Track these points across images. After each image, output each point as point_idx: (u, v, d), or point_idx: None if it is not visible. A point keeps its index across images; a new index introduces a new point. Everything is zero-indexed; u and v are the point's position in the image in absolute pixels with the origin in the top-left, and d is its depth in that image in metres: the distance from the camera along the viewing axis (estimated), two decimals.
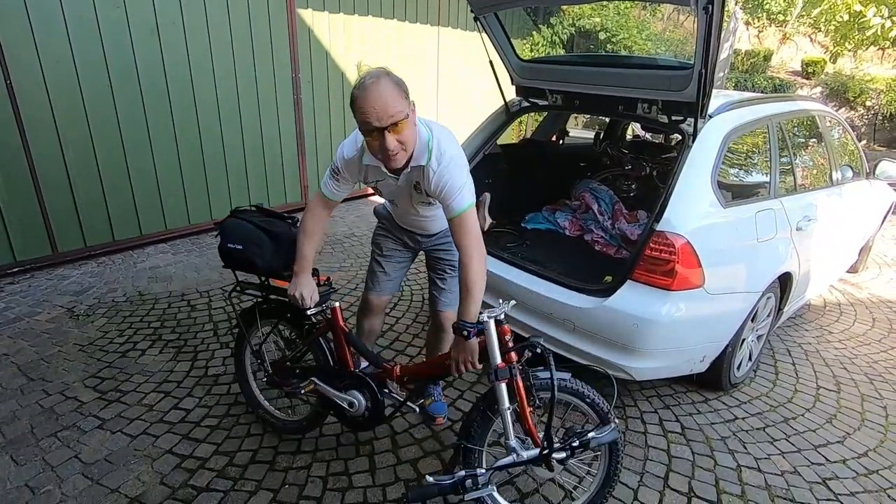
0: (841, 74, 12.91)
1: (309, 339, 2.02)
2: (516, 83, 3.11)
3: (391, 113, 1.47)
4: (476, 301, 1.61)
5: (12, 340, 2.87)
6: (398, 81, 1.52)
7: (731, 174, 2.57)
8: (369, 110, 1.46)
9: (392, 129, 1.50)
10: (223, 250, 1.97)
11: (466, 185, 1.67)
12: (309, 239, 1.85)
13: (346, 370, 1.97)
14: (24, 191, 3.55)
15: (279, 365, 2.12)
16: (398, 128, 1.51)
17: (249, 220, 1.96)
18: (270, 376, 2.12)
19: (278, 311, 2.07)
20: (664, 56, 10.04)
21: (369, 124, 1.49)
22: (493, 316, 1.56)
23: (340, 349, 1.96)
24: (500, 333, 1.58)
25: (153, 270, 3.85)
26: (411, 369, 1.91)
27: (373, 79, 1.47)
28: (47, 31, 3.43)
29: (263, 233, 1.93)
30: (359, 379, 1.93)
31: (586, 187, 3.50)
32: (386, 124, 1.48)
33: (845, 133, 3.78)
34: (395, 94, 1.48)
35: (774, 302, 2.72)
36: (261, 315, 2.11)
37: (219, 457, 2.12)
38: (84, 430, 2.23)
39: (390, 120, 1.48)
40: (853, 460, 2.28)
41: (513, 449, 1.64)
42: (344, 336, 1.93)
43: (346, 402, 1.93)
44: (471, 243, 1.63)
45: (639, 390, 2.68)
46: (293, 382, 2.07)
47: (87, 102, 3.70)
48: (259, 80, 4.67)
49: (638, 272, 2.18)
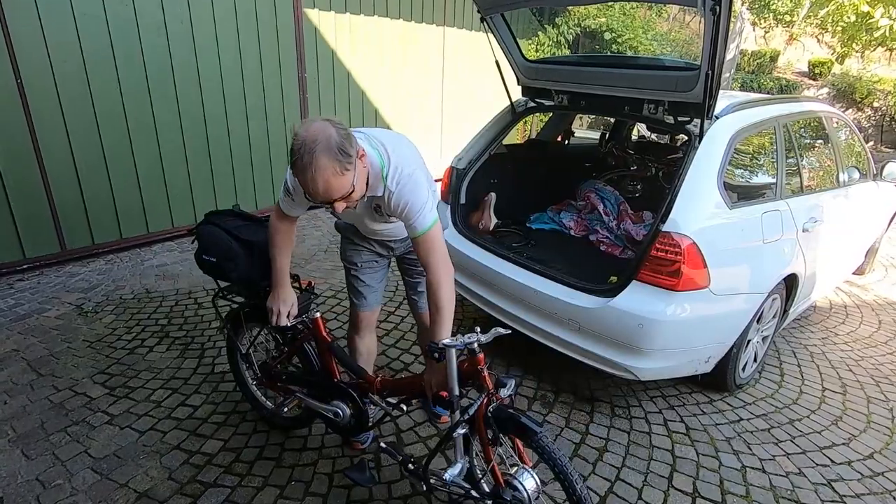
0: (848, 75, 12.82)
1: (292, 345, 2.01)
2: (522, 83, 3.12)
3: (336, 195, 1.39)
4: (447, 321, 1.56)
5: (22, 336, 2.90)
6: (335, 152, 1.33)
7: (737, 175, 2.56)
8: (311, 191, 1.38)
9: (339, 199, 1.42)
10: (198, 259, 1.94)
11: (427, 202, 1.59)
12: (280, 252, 1.79)
13: (330, 380, 1.94)
14: (34, 189, 3.59)
15: (268, 367, 2.10)
16: (347, 198, 1.43)
17: (224, 227, 1.90)
18: (259, 379, 2.13)
19: (261, 317, 2.01)
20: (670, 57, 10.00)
21: (315, 200, 1.43)
22: (456, 346, 1.46)
23: (324, 360, 1.93)
24: (474, 362, 1.50)
25: (160, 268, 3.88)
26: (391, 383, 1.84)
27: (310, 159, 1.31)
28: (56, 28, 3.46)
29: (238, 242, 1.87)
30: (340, 390, 1.90)
31: (591, 187, 3.51)
32: (332, 200, 1.41)
33: (852, 134, 3.77)
34: (335, 175, 1.35)
35: (780, 303, 2.72)
36: (246, 319, 2.09)
37: (226, 453, 2.14)
38: (93, 425, 2.26)
39: (335, 197, 1.40)
40: (858, 462, 2.27)
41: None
42: (327, 346, 1.90)
43: (331, 412, 1.91)
44: (438, 261, 1.57)
45: (643, 390, 2.68)
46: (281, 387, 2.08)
47: (95, 102, 3.73)
48: (266, 80, 4.69)
49: (643, 272, 2.18)
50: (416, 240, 1.59)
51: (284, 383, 2.09)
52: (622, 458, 2.22)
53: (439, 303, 1.56)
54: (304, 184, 1.38)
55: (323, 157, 1.32)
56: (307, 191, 1.41)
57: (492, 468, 1.57)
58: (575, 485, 1.44)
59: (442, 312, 1.55)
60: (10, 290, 3.44)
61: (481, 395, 1.52)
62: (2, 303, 3.26)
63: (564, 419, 2.44)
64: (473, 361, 1.51)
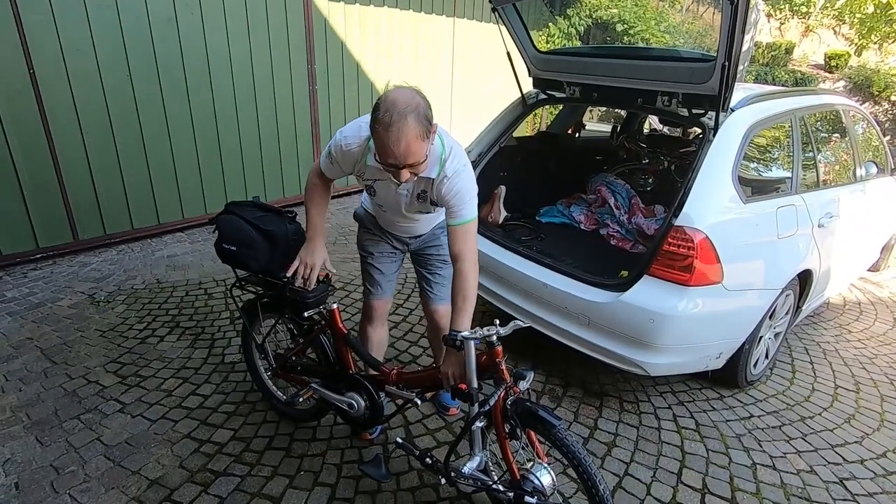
0: (865, 68, 12.56)
1: (309, 336, 2.02)
2: (534, 75, 3.09)
3: (411, 159, 1.42)
4: (470, 311, 1.61)
5: (36, 325, 2.94)
6: (422, 118, 1.40)
7: (752, 169, 2.52)
8: (389, 151, 1.40)
9: (409, 166, 1.45)
10: (218, 248, 1.94)
11: (475, 196, 1.67)
12: (316, 207, 1.85)
13: (346, 372, 1.95)
14: (47, 179, 3.62)
15: (283, 359, 2.12)
16: (415, 167, 1.47)
17: (244, 217, 1.89)
18: (275, 370, 2.14)
19: (278, 307, 2.04)
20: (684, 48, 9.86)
21: (387, 161, 1.44)
22: (475, 337, 1.49)
23: (340, 350, 1.94)
24: (493, 354, 1.52)
25: (171, 259, 3.91)
26: (408, 376, 1.85)
27: (399, 118, 1.36)
28: (69, 19, 3.47)
29: (258, 232, 1.86)
30: (356, 382, 1.91)
31: (602, 181, 3.47)
32: (404, 164, 1.44)
33: (870, 128, 3.69)
34: (417, 139, 1.39)
35: (793, 299, 2.68)
36: (262, 309, 2.09)
37: (236, 442, 2.16)
38: (105, 413, 2.28)
39: (409, 161, 1.43)
40: (871, 461, 2.25)
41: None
42: (342, 338, 1.91)
43: (346, 403, 1.92)
44: (470, 253, 1.64)
45: (653, 386, 2.67)
46: (296, 378, 2.09)
47: (107, 92, 3.74)
48: (275, 71, 4.68)
49: (655, 267, 2.16)
50: (458, 228, 1.64)
51: (299, 374, 2.10)
52: (631, 453, 2.21)
53: (466, 292, 1.60)
54: (385, 141, 1.38)
55: (411, 119, 1.37)
56: (385, 149, 1.40)
57: (507, 462, 1.58)
58: (595, 478, 1.45)
59: (468, 302, 1.60)
60: (23, 279, 3.48)
61: (499, 388, 1.53)
62: (16, 291, 3.31)
63: (573, 413, 2.43)
64: (492, 354, 1.52)
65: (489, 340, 1.50)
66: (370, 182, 1.78)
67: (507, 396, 1.53)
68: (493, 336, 1.49)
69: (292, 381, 2.13)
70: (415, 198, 1.75)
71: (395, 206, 1.83)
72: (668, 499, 1.98)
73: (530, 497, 1.51)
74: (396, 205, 1.81)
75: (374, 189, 1.79)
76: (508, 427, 1.56)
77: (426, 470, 1.77)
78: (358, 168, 1.72)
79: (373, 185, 1.78)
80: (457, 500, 1.93)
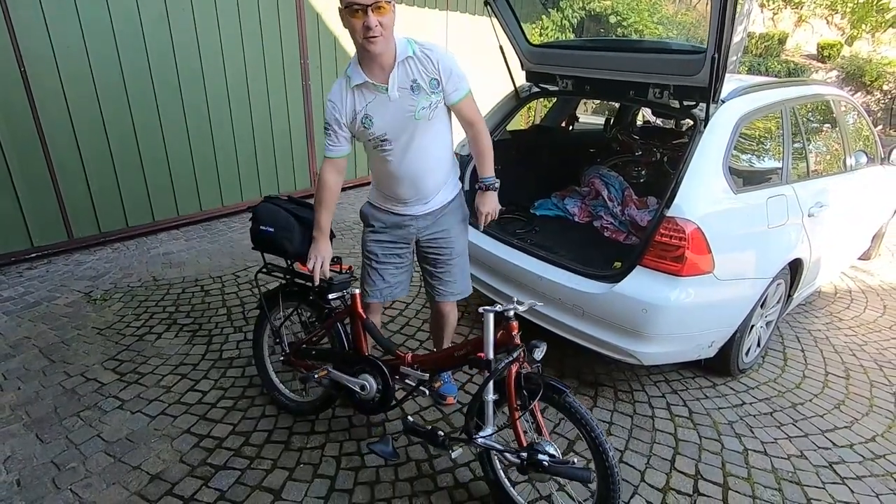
0: (857, 58, 12.62)
1: (327, 322, 2.08)
2: (526, 68, 3.10)
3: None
4: (491, 160, 2.01)
5: (33, 324, 2.95)
6: None
7: (742, 160, 2.55)
8: None
9: (375, 9, 1.58)
10: (255, 232, 2.06)
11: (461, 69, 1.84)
12: (325, 208, 1.92)
13: (361, 355, 2.02)
14: (41, 178, 3.61)
15: (296, 346, 2.18)
16: (381, 10, 1.60)
17: (281, 206, 2.05)
18: (287, 356, 2.18)
19: (300, 294, 2.13)
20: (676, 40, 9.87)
21: (355, 1, 1.56)
22: (495, 310, 1.59)
23: (357, 335, 2.02)
24: (509, 329, 1.62)
25: (167, 256, 3.91)
26: (422, 358, 1.94)
27: None
28: (59, 16, 3.45)
29: (294, 218, 2.01)
30: (372, 363, 1.98)
31: (596, 173, 3.49)
32: (371, 2, 1.56)
33: (860, 118, 3.73)
34: None
35: (784, 288, 2.72)
36: (284, 297, 2.17)
37: (235, 437, 2.18)
38: (105, 410, 2.30)
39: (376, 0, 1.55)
40: (860, 445, 2.29)
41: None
42: (361, 322, 1.99)
43: (358, 385, 1.98)
44: (479, 115, 1.95)
45: (647, 375, 2.70)
46: (308, 364, 2.13)
47: (99, 89, 3.73)
48: (268, 67, 4.67)
49: (648, 258, 2.18)
50: (464, 101, 1.86)
51: (313, 359, 2.15)
52: (625, 441, 2.24)
53: (485, 147, 1.99)
54: None
55: None
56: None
57: (517, 434, 1.65)
58: (605, 445, 1.56)
59: (488, 154, 2.00)
60: (19, 278, 3.48)
61: (512, 357, 1.60)
62: (12, 291, 3.31)
63: None
64: (508, 329, 1.62)
65: (507, 315, 1.60)
66: (363, 112, 1.77)
67: (520, 367, 1.62)
68: (510, 311, 1.59)
69: (305, 367, 2.16)
70: (409, 93, 1.76)
71: (398, 124, 1.80)
72: (661, 485, 2.02)
73: (545, 455, 1.58)
74: (399, 120, 1.79)
75: (371, 118, 1.78)
76: (520, 401, 1.62)
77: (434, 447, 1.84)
78: (350, 108, 1.78)
79: (367, 113, 1.78)
80: (454, 488, 1.96)
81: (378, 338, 2.00)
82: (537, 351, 1.59)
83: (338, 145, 1.85)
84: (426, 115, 1.81)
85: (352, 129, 1.83)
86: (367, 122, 1.79)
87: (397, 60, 1.72)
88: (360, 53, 1.72)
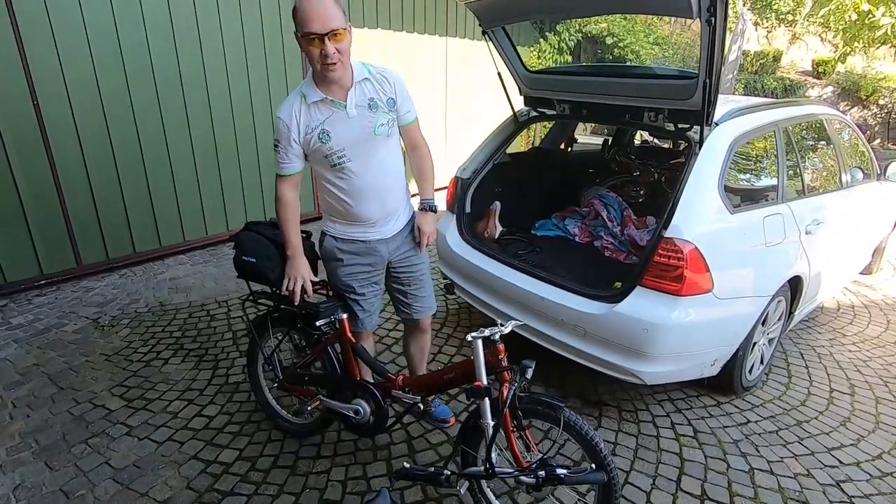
0: (852, 73, 12.78)
1: (317, 348, 2.08)
2: (524, 93, 3.18)
3: (333, 21, 1.59)
4: (432, 182, 2.07)
5: (42, 351, 2.98)
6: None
7: (738, 180, 2.60)
8: (313, 16, 1.58)
9: (332, 37, 1.61)
10: (237, 262, 2.06)
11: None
12: (291, 225, 1.91)
13: (352, 379, 2.02)
14: (51, 206, 3.69)
15: (290, 371, 2.18)
16: (338, 37, 1.62)
17: (262, 234, 2.04)
18: (281, 382, 2.19)
19: (289, 320, 2.14)
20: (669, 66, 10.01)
21: (311, 31, 1.59)
22: (482, 336, 1.59)
23: (347, 359, 2.01)
24: (496, 352, 1.62)
25: (173, 281, 3.96)
26: (413, 381, 1.96)
27: None
28: (71, 51, 3.57)
29: (275, 246, 1.99)
30: (364, 388, 1.98)
31: (595, 194, 3.55)
32: (327, 31, 1.59)
33: (855, 135, 3.78)
34: (335, 6, 1.61)
35: (785, 305, 2.74)
36: (272, 323, 2.18)
37: (242, 462, 2.19)
38: (113, 436, 2.32)
39: (332, 27, 1.59)
40: (867, 463, 2.29)
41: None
42: (351, 347, 1.99)
43: (352, 410, 1.98)
44: (422, 140, 2.05)
45: (650, 394, 2.71)
46: (302, 389, 2.15)
47: (109, 120, 3.83)
48: (272, 94, 4.79)
49: (647, 278, 2.22)
50: (412, 125, 1.97)
51: (306, 384, 2.16)
52: (630, 461, 2.24)
53: (427, 171, 2.06)
54: (310, 10, 1.58)
55: None
56: (308, 15, 1.58)
57: (514, 455, 1.66)
58: (606, 458, 1.58)
59: (429, 176, 2.07)
60: (28, 305, 3.53)
61: (502, 384, 1.61)
62: (21, 318, 3.35)
63: None
64: (495, 352, 1.62)
65: (493, 339, 1.61)
66: (320, 127, 1.77)
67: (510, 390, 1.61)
68: (496, 335, 1.60)
69: (299, 392, 2.18)
70: (367, 110, 1.79)
71: (357, 139, 1.80)
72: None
73: (562, 469, 1.58)
74: (357, 136, 1.80)
75: (329, 134, 1.77)
76: (515, 421, 1.64)
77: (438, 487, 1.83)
78: (304, 124, 1.77)
79: (324, 128, 1.77)
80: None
81: (369, 362, 2.00)
82: (529, 371, 1.59)
83: (289, 162, 1.84)
84: (385, 132, 1.85)
85: (305, 146, 1.81)
86: (325, 136, 1.77)
87: (354, 81, 1.77)
88: (318, 75, 1.75)
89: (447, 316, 3.50)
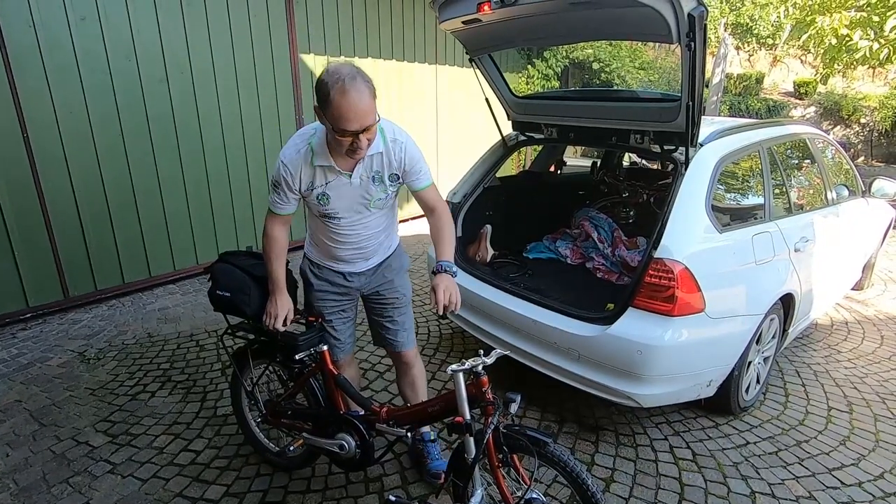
0: (833, 94, 13.12)
1: (299, 380, 2.03)
2: (512, 118, 3.22)
3: (370, 119, 1.53)
4: (452, 246, 1.87)
5: (24, 387, 2.91)
6: (367, 77, 1.54)
7: (725, 200, 2.62)
8: (351, 118, 1.49)
9: (365, 131, 1.54)
10: (212, 296, 2.00)
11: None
12: (276, 261, 1.88)
13: (336, 412, 1.96)
14: (38, 238, 3.65)
15: (273, 404, 2.12)
16: (371, 129, 1.56)
17: (237, 265, 1.99)
18: (265, 416, 2.14)
19: (269, 353, 2.08)
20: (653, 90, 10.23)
21: (346, 129, 1.51)
22: (463, 368, 1.52)
23: (330, 391, 1.95)
24: (479, 384, 1.55)
25: (162, 311, 3.91)
26: (397, 413, 1.86)
27: (351, 81, 1.47)
28: (62, 83, 3.59)
29: (251, 278, 1.95)
30: (348, 422, 1.92)
31: (585, 215, 3.57)
32: (363, 129, 1.53)
33: (838, 153, 3.85)
34: (371, 97, 1.53)
35: (778, 323, 2.73)
36: (253, 356, 2.13)
37: (229, 498, 2.12)
38: (95, 475, 2.24)
39: (368, 122, 1.53)
40: (869, 483, 2.24)
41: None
42: (333, 379, 1.93)
43: (337, 446, 1.92)
44: (443, 204, 1.93)
45: (647, 417, 2.66)
46: (286, 423, 2.09)
47: (99, 151, 3.84)
48: (264, 124, 4.83)
49: (639, 299, 2.21)
50: (428, 189, 1.87)
51: (290, 419, 2.09)
52: (629, 487, 2.19)
53: (446, 234, 1.87)
54: (344, 106, 1.47)
55: (360, 79, 1.50)
56: (345, 115, 1.48)
57: (501, 492, 1.60)
58: (595, 493, 1.51)
59: (449, 240, 1.86)
60: (13, 339, 3.46)
61: (488, 418, 1.54)
62: (4, 353, 3.28)
63: (570, 449, 2.42)
64: (478, 384, 1.55)
65: (476, 371, 1.54)
66: (321, 189, 1.75)
67: (499, 424, 1.55)
68: (479, 366, 1.53)
69: (283, 426, 2.12)
70: (370, 183, 1.77)
71: (353, 206, 1.81)
72: None
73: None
74: (354, 203, 1.80)
75: (328, 196, 1.77)
76: (501, 455, 1.58)
77: None
78: (308, 177, 1.74)
79: (325, 192, 1.76)
80: None
81: (352, 393, 1.93)
82: (513, 405, 1.52)
83: (286, 204, 1.81)
84: (380, 205, 1.86)
85: (304, 196, 1.81)
86: (324, 199, 1.78)
87: (366, 154, 1.70)
88: (333, 147, 1.67)
89: (441, 341, 3.46)
